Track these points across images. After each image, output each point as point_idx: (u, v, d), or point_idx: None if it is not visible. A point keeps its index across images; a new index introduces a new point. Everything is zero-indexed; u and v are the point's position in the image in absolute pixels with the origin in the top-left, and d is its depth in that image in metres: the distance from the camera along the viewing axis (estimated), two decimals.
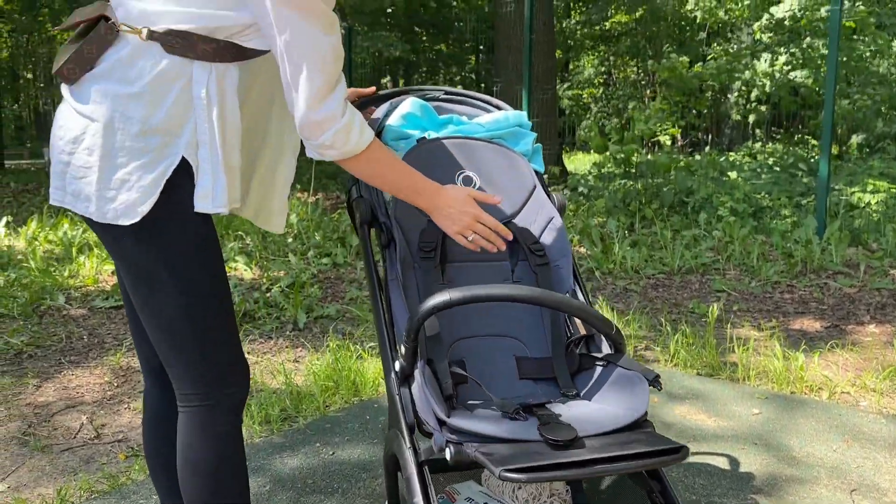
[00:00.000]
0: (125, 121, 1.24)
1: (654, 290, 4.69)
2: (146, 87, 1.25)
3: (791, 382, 2.96)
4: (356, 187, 1.71)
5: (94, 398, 2.81)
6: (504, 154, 1.76)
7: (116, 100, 1.24)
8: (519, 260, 1.73)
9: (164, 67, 1.25)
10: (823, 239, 5.55)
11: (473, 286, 1.34)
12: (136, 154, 1.25)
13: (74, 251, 5.20)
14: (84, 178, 1.27)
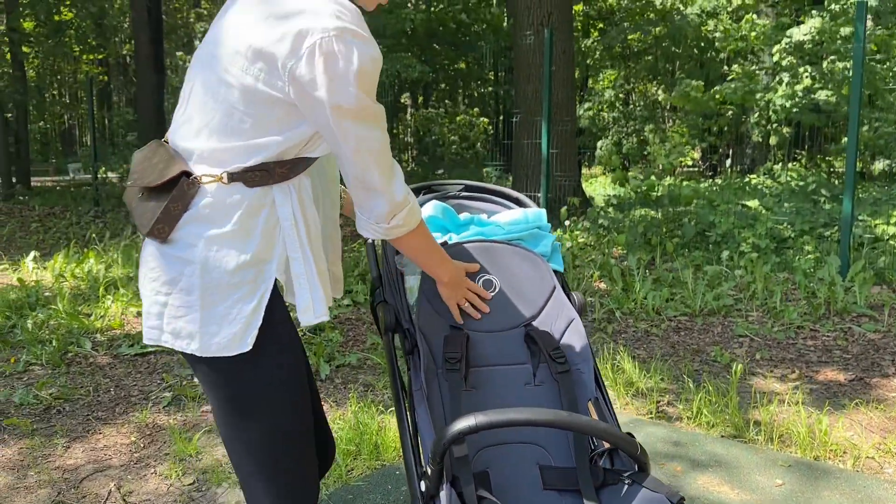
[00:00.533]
0: (220, 260, 1.31)
1: (676, 333, 4.67)
2: (236, 225, 1.31)
3: (815, 447, 2.94)
4: (381, 290, 1.73)
5: (122, 461, 2.86)
6: (524, 256, 1.77)
7: (209, 241, 1.31)
8: (540, 362, 1.74)
9: (250, 202, 1.32)
10: (847, 278, 5.50)
11: (499, 410, 1.35)
12: (234, 289, 1.32)
13: (101, 290, 5.28)
14: (184, 316, 1.32)
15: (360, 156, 1.30)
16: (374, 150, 1.30)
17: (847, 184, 5.56)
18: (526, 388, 1.70)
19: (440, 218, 1.75)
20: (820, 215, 7.74)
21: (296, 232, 1.35)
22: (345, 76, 1.23)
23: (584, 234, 7.36)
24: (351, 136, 1.28)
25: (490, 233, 1.75)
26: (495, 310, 1.71)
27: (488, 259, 1.73)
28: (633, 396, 3.57)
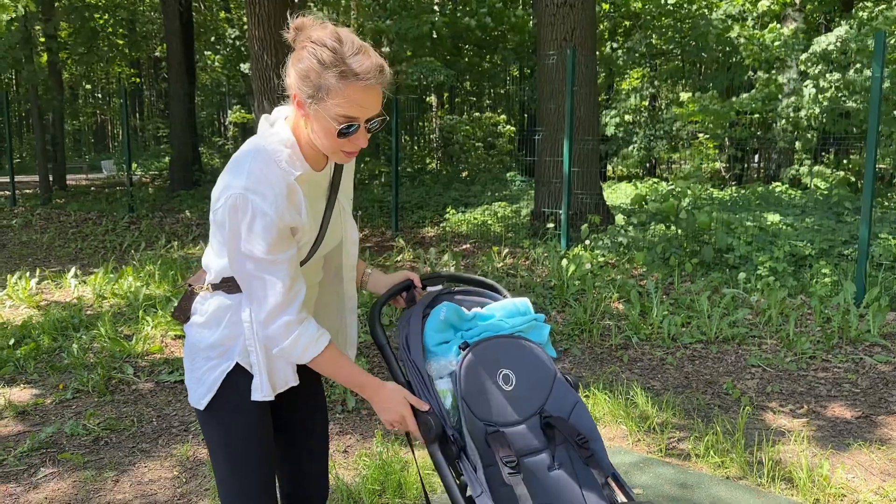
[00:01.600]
0: (198, 339, 1.77)
1: (691, 362, 4.83)
2: (209, 318, 1.76)
3: (815, 491, 3.10)
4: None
5: (166, 496, 3.10)
6: (529, 349, 1.96)
7: (194, 328, 1.79)
8: (556, 446, 1.91)
9: (219, 303, 1.75)
10: (862, 305, 5.60)
11: None
12: (206, 361, 1.76)
13: (140, 313, 5.56)
14: (187, 374, 1.81)
15: (246, 288, 1.65)
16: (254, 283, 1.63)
17: (863, 210, 5.65)
18: (551, 475, 1.87)
19: (453, 321, 1.93)
20: (841, 233, 7.80)
21: (252, 330, 1.71)
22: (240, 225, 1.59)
23: (604, 252, 7.51)
24: (238, 266, 1.64)
25: (497, 327, 1.94)
26: (516, 401, 1.88)
27: (502, 354, 1.91)
28: (644, 433, 3.74)
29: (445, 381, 1.81)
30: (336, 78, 1.52)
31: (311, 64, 1.53)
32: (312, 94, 1.54)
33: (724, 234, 6.93)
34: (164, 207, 13.49)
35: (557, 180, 8.37)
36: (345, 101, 1.53)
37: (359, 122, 1.58)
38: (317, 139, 1.62)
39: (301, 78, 1.54)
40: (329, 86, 1.52)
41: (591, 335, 5.30)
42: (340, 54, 1.52)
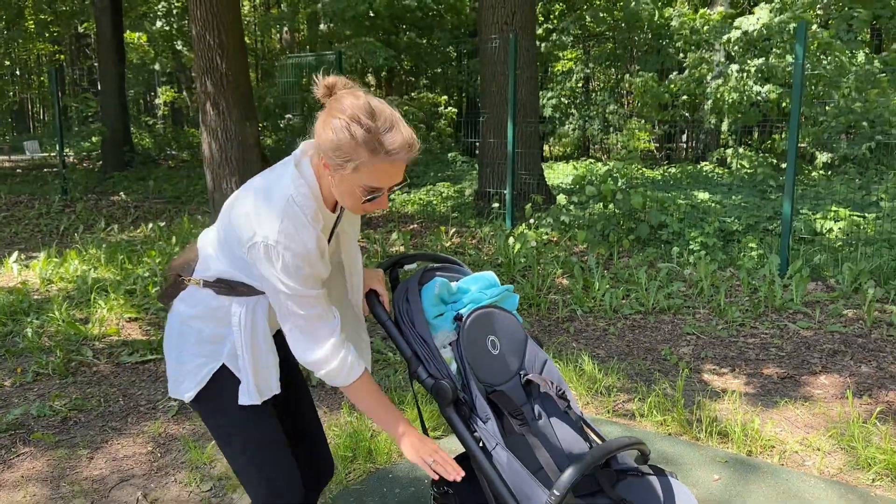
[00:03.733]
0: (189, 331, 1.83)
1: (631, 331, 5.14)
2: (202, 311, 1.82)
3: (748, 444, 3.43)
4: (423, 368, 1.95)
5: (143, 470, 3.21)
6: (506, 317, 2.17)
7: (185, 318, 1.83)
8: (535, 399, 2.14)
9: (214, 304, 1.81)
10: (786, 276, 6.04)
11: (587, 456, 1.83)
12: (195, 357, 1.83)
13: (92, 296, 5.54)
14: (168, 366, 1.89)
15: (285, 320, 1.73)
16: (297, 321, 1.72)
17: (786, 188, 6.07)
18: (538, 423, 2.11)
19: (445, 294, 2.12)
20: (765, 209, 8.30)
21: (241, 337, 1.78)
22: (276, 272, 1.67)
23: (548, 231, 7.80)
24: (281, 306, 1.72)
25: (478, 299, 2.14)
26: (500, 365, 2.09)
27: (489, 322, 2.12)
28: (593, 396, 4.02)
29: (447, 350, 2.00)
30: (368, 154, 1.58)
31: (344, 137, 1.57)
32: (342, 164, 1.60)
33: (657, 212, 7.30)
34: (97, 189, 13.16)
35: (501, 161, 8.61)
36: (373, 174, 1.61)
37: (383, 191, 1.66)
38: (338, 196, 1.70)
39: (332, 148, 1.59)
40: (360, 160, 1.59)
41: (539, 309, 5.57)
42: (374, 132, 1.57)
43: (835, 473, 3.20)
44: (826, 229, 7.34)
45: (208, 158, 8.25)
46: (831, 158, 9.99)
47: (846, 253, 6.63)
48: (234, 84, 8.03)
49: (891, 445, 3.29)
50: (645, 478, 2.05)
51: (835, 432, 3.51)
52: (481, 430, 1.90)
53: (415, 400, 2.10)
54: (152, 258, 6.54)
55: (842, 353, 4.64)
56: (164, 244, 7.42)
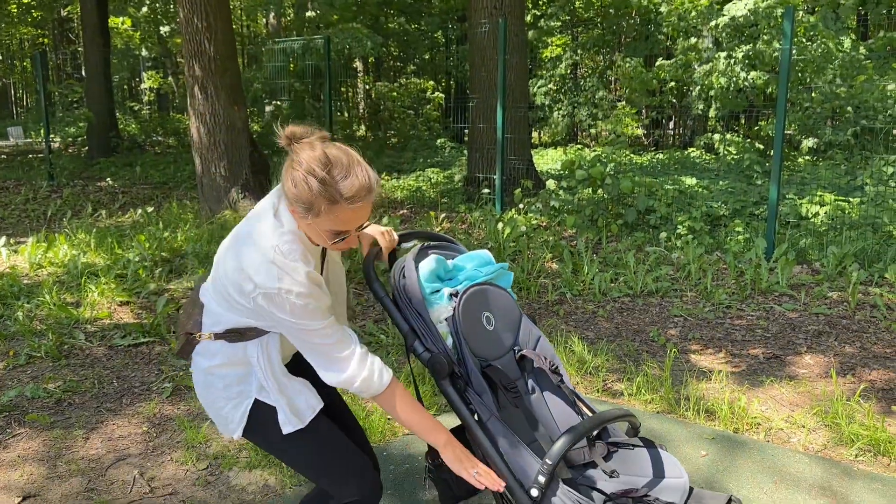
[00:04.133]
0: (214, 381, 1.91)
1: (620, 314, 5.21)
2: (221, 360, 1.89)
3: (735, 421, 3.50)
4: (419, 342, 2.00)
5: (139, 450, 3.24)
6: (501, 294, 2.21)
7: (206, 370, 1.92)
8: (528, 374, 2.19)
9: (230, 351, 1.88)
10: (772, 259, 6.12)
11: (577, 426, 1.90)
12: (227, 400, 1.92)
13: (83, 280, 5.53)
14: (208, 408, 1.97)
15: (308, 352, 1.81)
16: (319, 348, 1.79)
17: (773, 173, 6.14)
18: (531, 397, 2.16)
19: (440, 272, 2.15)
20: (752, 194, 8.39)
21: (262, 372, 1.87)
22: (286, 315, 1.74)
23: (537, 216, 7.84)
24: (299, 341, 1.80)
25: (474, 276, 2.17)
26: (495, 340, 2.13)
27: (483, 299, 2.15)
28: (582, 376, 4.08)
29: (443, 325, 2.03)
30: (327, 203, 1.65)
31: (303, 189, 1.64)
32: (305, 213, 1.68)
33: (645, 197, 7.36)
34: (83, 175, 13.07)
35: (490, 146, 8.64)
36: (336, 220, 1.69)
37: (350, 233, 1.74)
38: (313, 237, 1.78)
39: (294, 199, 1.67)
40: (320, 209, 1.66)
41: (528, 292, 5.62)
42: (330, 182, 1.63)
43: (819, 449, 3.28)
44: (812, 214, 7.44)
45: (196, 143, 8.23)
46: (817, 144, 10.09)
47: (831, 237, 6.72)
48: (222, 68, 8.00)
49: (873, 422, 3.37)
50: (636, 450, 2.11)
51: (819, 410, 3.59)
52: (476, 402, 1.95)
53: (411, 375, 2.14)
54: (142, 243, 6.53)
55: (826, 333, 4.73)
56: (153, 229, 7.40)
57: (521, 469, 1.89)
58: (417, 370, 3.94)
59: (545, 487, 1.83)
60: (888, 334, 4.67)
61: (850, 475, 3.03)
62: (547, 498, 1.85)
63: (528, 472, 1.88)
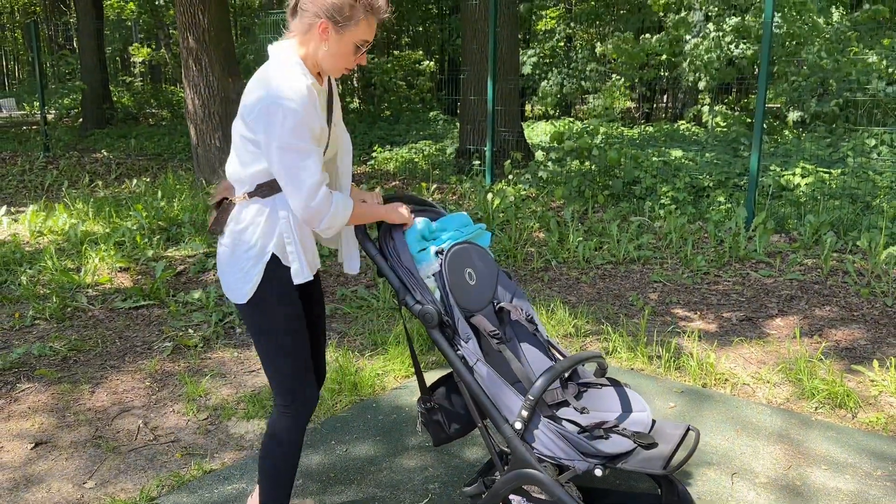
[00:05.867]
0: (238, 242, 2.07)
1: (602, 280, 5.42)
2: (248, 223, 2.06)
3: (703, 377, 3.72)
4: (410, 296, 2.19)
5: (142, 402, 3.44)
6: (481, 252, 2.41)
7: (234, 232, 2.08)
8: (506, 324, 2.40)
9: (260, 206, 2.05)
10: (751, 228, 6.32)
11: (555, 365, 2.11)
12: (247, 260, 2.07)
13: (83, 247, 5.70)
14: (225, 278, 2.12)
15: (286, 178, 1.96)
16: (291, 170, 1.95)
17: (754, 143, 6.31)
18: (510, 344, 2.37)
19: (426, 232, 2.34)
20: (736, 166, 8.57)
21: (288, 224, 2.03)
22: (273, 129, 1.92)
23: (526, 187, 8.02)
24: (276, 160, 1.95)
25: (456, 237, 2.36)
26: (477, 293, 2.33)
27: (466, 256, 2.34)
28: (563, 337, 4.29)
29: (431, 280, 2.23)
30: (364, 12, 1.98)
31: (347, 1, 1.95)
32: (343, 23, 1.96)
33: (632, 168, 7.54)
34: (78, 147, 13.17)
35: (481, 118, 8.78)
36: (365, 30, 2.00)
37: (368, 44, 2.03)
38: (327, 59, 2.02)
39: (337, 10, 1.95)
40: (358, 18, 1.97)
41: (515, 260, 5.82)
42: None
43: (781, 403, 3.50)
44: (794, 185, 7.62)
45: (191, 114, 8.35)
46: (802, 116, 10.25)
47: (810, 207, 6.91)
48: (216, 40, 8.10)
49: (833, 378, 3.59)
50: (603, 388, 2.32)
51: (784, 367, 3.81)
52: (464, 348, 2.15)
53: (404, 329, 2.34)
54: (139, 212, 6.69)
55: (798, 298, 4.94)
56: (149, 199, 7.56)
57: (506, 406, 2.10)
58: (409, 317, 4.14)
59: (528, 421, 2.05)
60: (856, 298, 4.89)
61: (808, 425, 3.25)
62: (529, 430, 2.06)
63: (512, 409, 2.09)
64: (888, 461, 2.93)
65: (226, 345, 4.14)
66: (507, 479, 2.11)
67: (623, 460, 2.04)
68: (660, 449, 2.09)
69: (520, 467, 2.08)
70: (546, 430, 2.05)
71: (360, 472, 2.85)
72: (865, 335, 4.28)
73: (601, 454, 2.02)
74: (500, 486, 2.14)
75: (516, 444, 2.07)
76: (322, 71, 2.08)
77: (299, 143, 1.93)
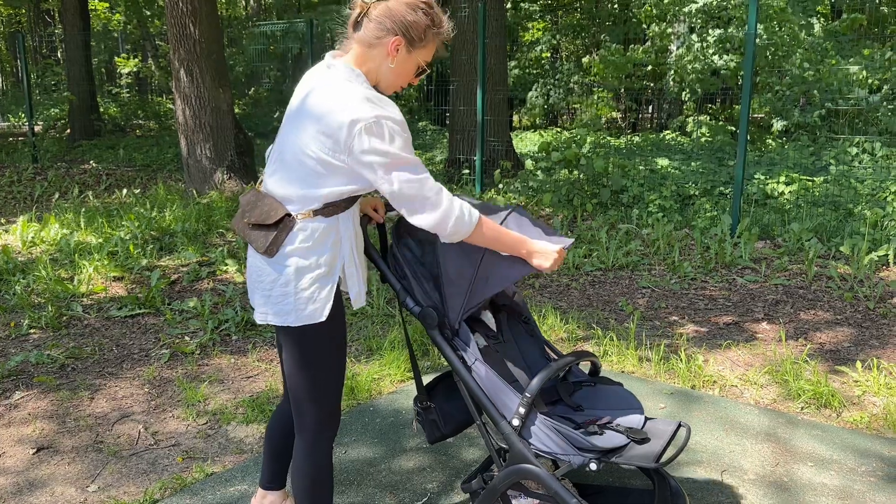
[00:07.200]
0: (306, 263, 1.98)
1: (592, 286, 5.51)
2: (315, 241, 1.98)
3: (692, 379, 3.81)
4: (410, 298, 2.23)
5: (142, 408, 3.48)
6: None
7: (299, 252, 1.97)
8: (502, 325, 2.47)
9: (326, 226, 1.98)
10: (736, 235, 6.44)
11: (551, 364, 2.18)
12: (314, 281, 1.98)
13: (76, 257, 5.73)
14: (283, 301, 1.99)
15: (402, 193, 1.90)
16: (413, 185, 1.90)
17: (739, 152, 6.45)
18: (507, 344, 2.44)
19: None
20: (721, 174, 8.71)
21: (349, 245, 2.02)
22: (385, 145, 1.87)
23: (516, 195, 8.12)
24: (395, 182, 1.89)
25: None
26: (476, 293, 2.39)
27: None
28: (554, 342, 4.37)
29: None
30: (434, 35, 2.00)
31: (421, 20, 1.95)
32: (414, 42, 1.96)
33: (619, 177, 7.65)
34: (66, 158, 13.15)
35: (471, 128, 8.88)
36: (430, 51, 2.03)
37: (428, 66, 2.06)
38: (389, 75, 2.00)
39: (413, 28, 1.95)
40: (427, 39, 1.99)
41: None
42: (439, 18, 2.01)
43: (768, 403, 3.59)
44: (778, 192, 7.77)
45: (182, 125, 8.40)
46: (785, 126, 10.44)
47: (794, 214, 7.05)
48: (207, 51, 8.16)
49: (819, 378, 3.69)
50: (597, 387, 2.40)
51: (770, 369, 3.90)
52: (462, 349, 2.22)
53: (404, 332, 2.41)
54: (132, 221, 6.72)
55: (783, 302, 5.05)
56: (140, 209, 7.58)
57: (504, 403, 2.17)
58: (408, 318, 4.20)
59: (525, 418, 2.12)
60: (840, 302, 5.00)
61: (795, 424, 3.35)
62: (526, 427, 2.14)
63: (510, 406, 2.16)
64: (871, 458, 3.02)
65: (222, 351, 4.19)
66: (505, 475, 2.18)
67: (617, 454, 2.12)
68: (652, 444, 2.16)
69: (517, 462, 2.15)
70: (542, 427, 2.13)
71: (359, 473, 2.91)
72: (849, 338, 4.39)
73: (595, 449, 2.09)
74: (498, 482, 2.21)
75: (514, 440, 2.14)
76: (378, 85, 2.04)
77: (410, 157, 1.89)
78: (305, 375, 2.07)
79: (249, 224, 2.03)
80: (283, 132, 2.03)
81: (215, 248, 6.12)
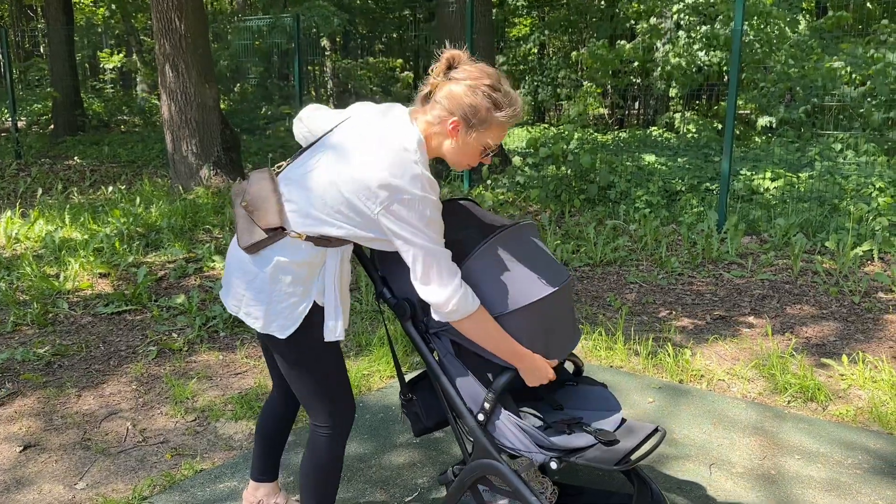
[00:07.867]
0: (283, 275, 1.97)
1: (580, 282, 5.52)
2: (296, 263, 1.96)
3: (679, 373, 3.83)
4: (387, 289, 2.22)
5: (130, 405, 3.46)
6: None
7: (278, 264, 1.96)
8: None
9: (311, 253, 1.97)
10: (723, 230, 6.49)
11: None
12: (289, 296, 1.98)
13: (62, 254, 5.68)
14: (256, 305, 2.00)
15: (420, 267, 1.89)
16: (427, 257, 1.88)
17: (725, 148, 6.48)
18: None
19: None
20: (708, 170, 8.76)
21: (332, 280, 2.00)
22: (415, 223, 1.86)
23: (504, 191, 8.13)
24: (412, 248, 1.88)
25: None
26: None
27: None
28: None
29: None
30: (499, 118, 1.93)
31: (484, 103, 1.90)
32: (476, 124, 1.92)
33: (606, 173, 7.68)
34: (50, 154, 13.02)
35: None
36: (497, 134, 1.96)
37: (495, 147, 2.00)
38: (451, 153, 1.98)
39: (472, 111, 1.90)
40: (491, 122, 1.92)
41: None
42: (505, 102, 1.93)
43: (755, 397, 3.62)
44: (763, 188, 7.82)
45: (168, 120, 8.34)
46: (771, 122, 10.52)
47: (780, 209, 7.11)
48: (193, 45, 8.10)
49: (805, 372, 3.72)
50: (579, 386, 2.41)
51: (757, 363, 3.93)
52: (435, 342, 2.22)
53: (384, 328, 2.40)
54: (118, 218, 6.67)
55: (769, 297, 5.09)
56: (126, 205, 7.53)
57: (472, 398, 2.17)
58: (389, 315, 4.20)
59: (490, 413, 2.12)
60: (826, 297, 5.05)
61: (782, 417, 3.37)
62: (491, 422, 2.14)
63: (478, 401, 2.16)
64: (857, 450, 3.06)
65: (210, 348, 4.17)
66: (469, 469, 2.20)
67: (578, 455, 2.10)
68: (619, 446, 2.14)
69: (481, 457, 2.16)
70: (507, 423, 2.13)
71: (350, 469, 2.90)
72: (834, 332, 4.44)
73: (555, 447, 2.09)
74: (464, 476, 2.23)
75: (478, 434, 2.15)
76: (444, 158, 2.02)
77: (438, 241, 1.89)
78: (301, 377, 2.08)
79: (244, 206, 2.02)
80: (322, 151, 2.00)
81: (202, 244, 6.09)
